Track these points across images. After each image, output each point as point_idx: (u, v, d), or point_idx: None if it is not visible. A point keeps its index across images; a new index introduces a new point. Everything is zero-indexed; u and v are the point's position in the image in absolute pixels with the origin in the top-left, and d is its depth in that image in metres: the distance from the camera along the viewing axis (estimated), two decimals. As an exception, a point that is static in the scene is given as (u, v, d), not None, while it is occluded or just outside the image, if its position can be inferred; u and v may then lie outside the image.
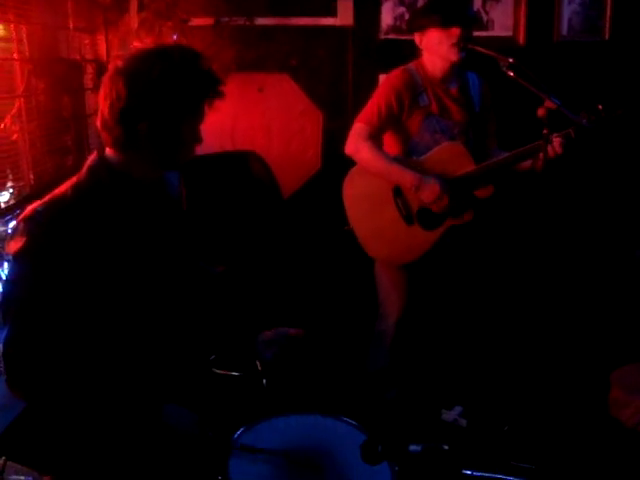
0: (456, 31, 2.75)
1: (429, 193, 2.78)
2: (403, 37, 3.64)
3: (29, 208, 1.60)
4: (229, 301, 2.06)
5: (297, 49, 3.77)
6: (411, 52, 3.03)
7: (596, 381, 3.17)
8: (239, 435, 1.72)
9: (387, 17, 3.69)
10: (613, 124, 2.68)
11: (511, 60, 2.67)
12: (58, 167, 3.04)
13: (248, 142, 3.77)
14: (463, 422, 3.08)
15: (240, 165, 3.34)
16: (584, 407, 3.12)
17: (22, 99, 2.71)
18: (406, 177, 2.81)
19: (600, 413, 3.04)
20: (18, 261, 1.57)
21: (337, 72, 3.79)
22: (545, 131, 2.66)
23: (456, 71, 2.93)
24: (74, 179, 1.66)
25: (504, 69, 2.68)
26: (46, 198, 1.62)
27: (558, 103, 2.60)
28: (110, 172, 1.66)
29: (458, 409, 3.13)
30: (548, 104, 2.61)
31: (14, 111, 2.66)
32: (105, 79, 1.62)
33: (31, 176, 2.77)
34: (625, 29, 3.69)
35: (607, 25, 3.67)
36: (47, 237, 1.55)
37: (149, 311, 1.72)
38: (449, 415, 3.13)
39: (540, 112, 2.63)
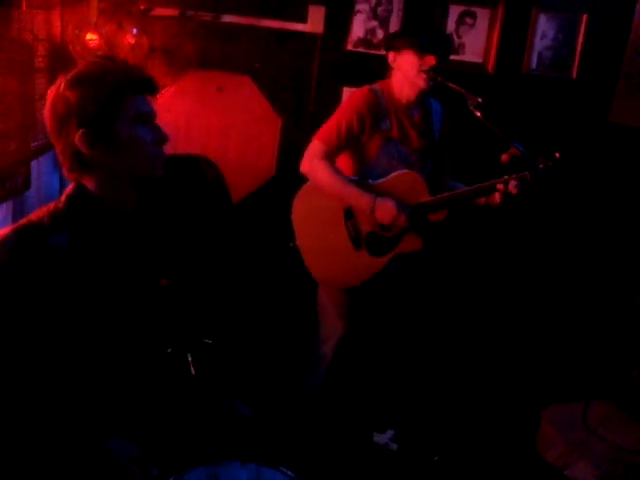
0: (431, 60, 2.70)
1: (386, 213, 2.72)
2: (371, 52, 3.60)
3: (0, 232, 1.57)
4: (173, 315, 2.01)
5: (262, 51, 3.64)
6: (377, 68, 3.00)
7: (528, 416, 3.19)
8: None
9: (358, 29, 3.59)
10: (567, 173, 2.68)
11: (480, 100, 2.63)
12: (1, 152, 2.87)
13: (202, 142, 3.65)
14: (394, 446, 3.07)
15: (191, 170, 3.22)
16: (514, 442, 3.13)
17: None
18: (362, 200, 2.75)
19: (528, 448, 3.07)
20: None
21: (300, 79, 3.68)
22: (505, 176, 2.70)
23: (422, 98, 2.88)
24: (52, 206, 1.62)
25: (471, 107, 2.65)
26: (20, 223, 1.57)
27: (522, 151, 2.58)
28: (88, 200, 1.63)
29: (390, 433, 3.12)
30: (513, 151, 2.61)
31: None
32: None
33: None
34: (592, 70, 3.71)
35: (576, 64, 3.67)
36: (16, 265, 1.49)
37: (114, 339, 1.67)
38: (381, 438, 3.12)
39: (503, 158, 2.64)
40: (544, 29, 3.62)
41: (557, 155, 2.66)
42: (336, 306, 3.01)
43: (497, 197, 2.78)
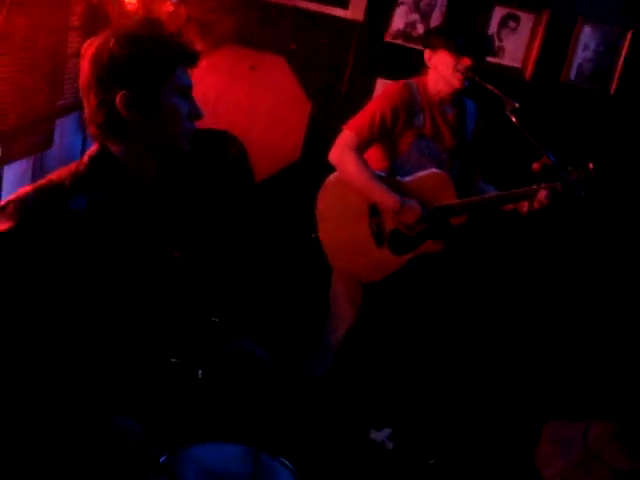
0: (466, 61, 2.67)
1: (410, 215, 2.70)
2: (409, 45, 3.54)
3: (22, 190, 1.51)
4: (183, 289, 1.98)
5: (299, 33, 3.58)
6: (413, 62, 2.96)
7: (529, 429, 3.16)
8: (164, 459, 1.62)
9: (398, 21, 3.52)
10: (600, 185, 2.64)
11: (517, 105, 2.59)
12: (27, 109, 2.83)
13: (229, 119, 3.58)
14: (390, 445, 3.04)
15: (215, 144, 3.18)
16: (512, 454, 3.10)
17: (-1, 31, 2.49)
18: (389, 200, 2.72)
19: (526, 463, 3.04)
20: None
21: (335, 66, 3.62)
22: (535, 185, 2.68)
23: (456, 97, 2.85)
24: (73, 167, 1.57)
25: (508, 112, 2.62)
26: (42, 183, 1.52)
27: (554, 161, 2.55)
28: (111, 163, 1.59)
29: (387, 431, 3.09)
30: (545, 160, 2.58)
31: (-14, 43, 2.45)
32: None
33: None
34: (631, 87, 3.64)
35: (615, 79, 3.60)
36: (35, 226, 1.45)
37: (130, 311, 1.64)
38: (377, 435, 3.09)
39: (535, 167, 2.62)
40: (587, 40, 3.56)
41: (590, 166, 2.62)
42: (350, 296, 2.99)
43: (526, 205, 2.76)
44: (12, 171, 2.72)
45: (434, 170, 2.80)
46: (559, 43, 3.58)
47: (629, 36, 3.55)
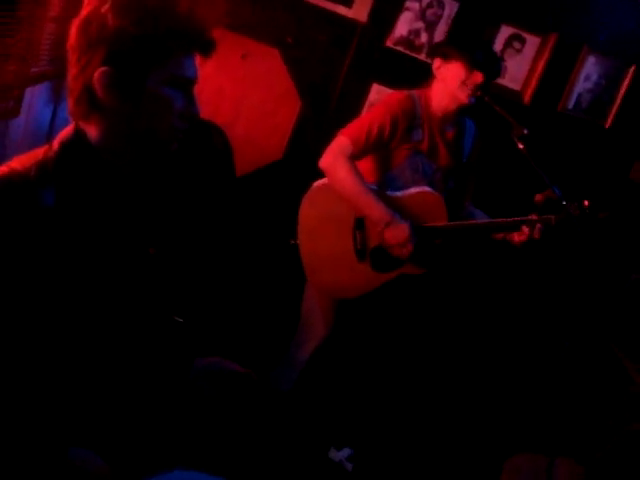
0: (479, 77, 2.55)
1: (396, 235, 2.58)
2: (411, 53, 3.41)
3: None
4: (155, 286, 1.80)
5: (297, 27, 3.40)
6: (412, 71, 2.87)
7: (490, 461, 3.06)
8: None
9: (402, 27, 3.37)
10: (594, 224, 2.57)
11: (525, 131, 2.50)
12: (-4, 74, 2.60)
13: (213, 108, 3.37)
14: (349, 466, 2.92)
15: (199, 134, 2.98)
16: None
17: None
18: (378, 211, 2.58)
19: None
20: None
21: (331, 65, 3.45)
22: (534, 216, 2.60)
23: (459, 115, 2.74)
24: (41, 153, 1.34)
25: (515, 138, 2.53)
26: (2, 171, 1.29)
27: (559, 195, 2.46)
28: (85, 152, 1.36)
29: (347, 451, 2.97)
30: (549, 193, 2.50)
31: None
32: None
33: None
34: (626, 123, 3.61)
35: (612, 113, 3.56)
36: None
37: (97, 309, 1.43)
38: (336, 455, 2.96)
39: (538, 198, 2.55)
40: (589, 71, 3.49)
41: (586, 203, 2.55)
42: (322, 311, 2.86)
43: (517, 237, 2.67)
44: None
45: (427, 189, 2.69)
46: (561, 70, 3.51)
47: (632, 71, 3.51)
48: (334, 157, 2.60)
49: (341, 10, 3.34)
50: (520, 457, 3.10)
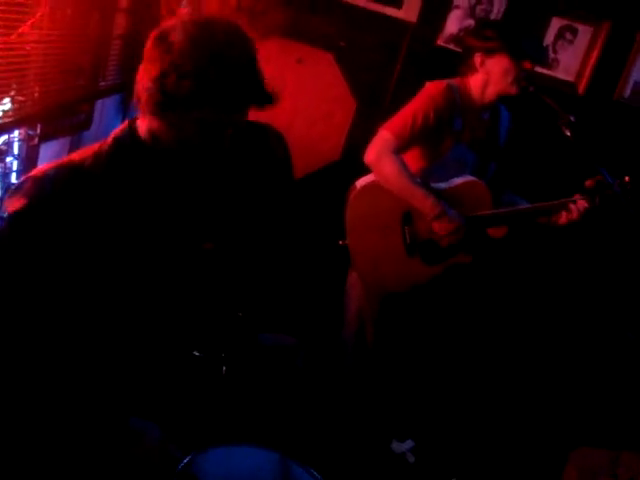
0: (527, 65, 2.55)
1: (447, 226, 2.59)
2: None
3: (40, 168, 1.43)
4: (211, 281, 1.90)
5: (349, 30, 3.49)
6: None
7: (556, 453, 3.05)
8: (186, 463, 1.53)
9: (452, 25, 3.43)
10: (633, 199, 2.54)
11: (572, 118, 2.50)
12: (68, 89, 2.79)
13: (270, 113, 3.47)
14: (412, 458, 2.96)
15: (259, 138, 3.10)
16: (537, 477, 3.03)
17: (47, 8, 2.43)
18: (429, 203, 2.58)
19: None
20: (9, 223, 1.37)
21: (384, 66, 3.52)
22: (578, 196, 2.62)
23: (496, 102, 2.73)
24: (97, 147, 1.47)
25: (562, 125, 2.52)
26: (62, 161, 1.43)
27: (611, 182, 2.45)
28: (135, 145, 1.47)
29: (410, 443, 3.01)
30: (599, 178, 2.49)
31: (35, 20, 2.39)
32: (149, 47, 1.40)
33: (36, 94, 2.51)
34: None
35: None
36: (49, 206, 1.37)
37: (151, 299, 1.56)
38: (399, 447, 3.00)
39: (589, 183, 2.54)
40: (645, 58, 3.44)
41: (627, 179, 2.53)
42: (359, 305, 2.89)
43: (563, 217, 2.66)
44: (49, 150, 2.67)
45: (471, 178, 2.69)
46: (616, 59, 3.45)
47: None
48: (378, 152, 2.61)
49: (391, 11, 3.42)
50: (586, 450, 3.08)
